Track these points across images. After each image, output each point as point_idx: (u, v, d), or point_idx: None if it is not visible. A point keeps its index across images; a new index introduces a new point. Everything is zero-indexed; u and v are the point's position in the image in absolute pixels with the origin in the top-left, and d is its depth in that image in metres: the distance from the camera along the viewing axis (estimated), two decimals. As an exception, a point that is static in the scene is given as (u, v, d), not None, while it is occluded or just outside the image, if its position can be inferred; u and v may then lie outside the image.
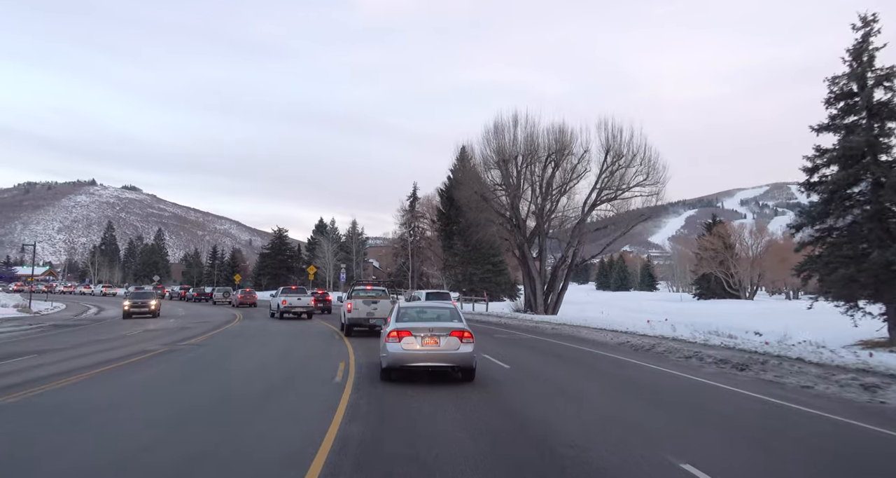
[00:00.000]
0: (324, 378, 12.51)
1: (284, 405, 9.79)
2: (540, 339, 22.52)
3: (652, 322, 26.17)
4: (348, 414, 8.77)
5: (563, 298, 40.66)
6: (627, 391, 11.44)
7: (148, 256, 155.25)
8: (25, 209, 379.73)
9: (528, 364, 15.09)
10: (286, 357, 16.82)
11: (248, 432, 7.96)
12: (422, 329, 11.44)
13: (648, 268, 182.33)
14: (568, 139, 38.28)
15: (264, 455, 6.77)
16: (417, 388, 11.17)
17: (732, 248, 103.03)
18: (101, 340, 22.40)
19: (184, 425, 8.45)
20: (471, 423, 8.36)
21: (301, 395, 10.82)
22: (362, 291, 24.96)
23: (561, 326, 27.51)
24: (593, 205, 39.71)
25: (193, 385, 12.03)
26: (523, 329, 27.74)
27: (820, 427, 8.53)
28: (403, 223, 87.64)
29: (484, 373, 13.01)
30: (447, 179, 74.17)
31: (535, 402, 10.16)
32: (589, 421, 8.60)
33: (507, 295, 73.99)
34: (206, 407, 9.68)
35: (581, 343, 20.73)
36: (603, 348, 19.00)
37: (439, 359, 11.35)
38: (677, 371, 13.81)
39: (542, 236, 40.33)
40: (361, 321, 23.19)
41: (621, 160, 38.72)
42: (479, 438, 7.53)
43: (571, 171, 40.03)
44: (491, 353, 16.83)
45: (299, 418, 8.76)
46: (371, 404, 9.67)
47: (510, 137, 38.87)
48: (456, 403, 9.81)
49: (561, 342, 21.00)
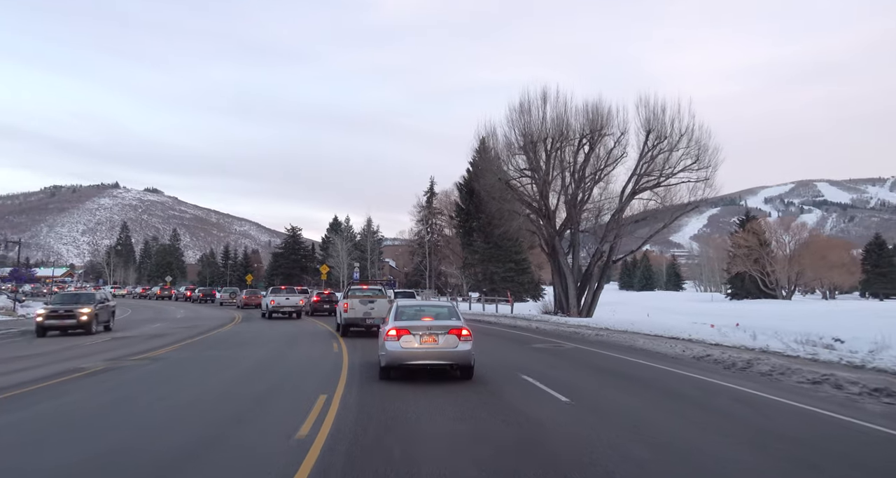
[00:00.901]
0: (285, 430, 8.17)
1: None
2: (589, 350, 18.01)
3: (718, 327, 21.58)
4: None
5: (598, 298, 36.05)
6: (794, 462, 6.60)
7: (162, 256, 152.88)
8: (51, 212, 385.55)
9: (594, 396, 10.54)
10: (251, 381, 12.51)
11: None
12: (420, 327, 11.42)
13: (674, 267, 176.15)
14: (605, 118, 33.65)
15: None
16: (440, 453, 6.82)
17: (768, 245, 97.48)
18: (46, 353, 18.36)
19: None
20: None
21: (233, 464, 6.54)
22: (359, 291, 23.83)
23: (605, 333, 22.96)
24: (632, 193, 35.00)
25: (63, 440, 7.79)
26: (561, 336, 23.25)
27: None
28: (420, 220, 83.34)
29: (537, 413, 8.66)
30: (466, 171, 69.72)
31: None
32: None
33: (531, 295, 69.31)
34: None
35: (645, 356, 16.19)
36: (680, 365, 14.45)
37: (438, 357, 11.38)
38: (824, 409, 9.03)
39: (575, 229, 35.72)
40: (358, 321, 22.36)
41: (664, 142, 33.99)
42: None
43: (607, 155, 35.38)
44: (535, 374, 12.42)
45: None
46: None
47: (538, 116, 34.31)
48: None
49: (619, 356, 16.46)
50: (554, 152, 34.90)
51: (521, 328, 27.68)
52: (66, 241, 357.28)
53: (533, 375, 12.30)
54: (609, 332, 23.18)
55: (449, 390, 10.73)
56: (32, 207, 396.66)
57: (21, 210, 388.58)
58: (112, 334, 25.22)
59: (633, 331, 23.14)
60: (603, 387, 11.40)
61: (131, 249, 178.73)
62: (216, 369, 14.09)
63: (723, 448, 7.04)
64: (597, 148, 34.47)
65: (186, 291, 74.57)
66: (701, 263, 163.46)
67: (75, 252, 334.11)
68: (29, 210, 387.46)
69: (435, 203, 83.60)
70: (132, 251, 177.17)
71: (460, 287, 75.17)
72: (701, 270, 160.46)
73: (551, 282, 49.32)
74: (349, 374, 12.71)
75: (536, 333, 25.22)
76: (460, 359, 11.48)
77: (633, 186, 35.26)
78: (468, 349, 11.42)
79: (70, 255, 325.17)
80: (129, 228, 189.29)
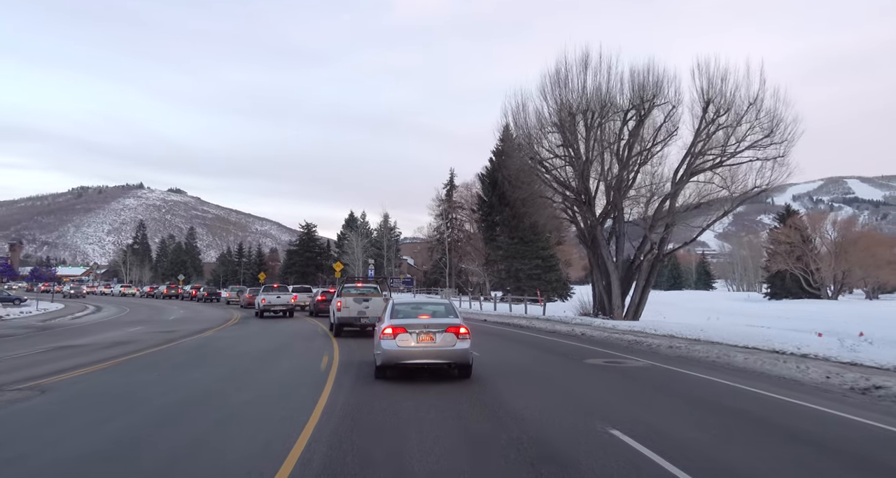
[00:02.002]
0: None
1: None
2: (675, 372, 12.85)
3: (831, 336, 16.46)
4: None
5: (647, 298, 30.90)
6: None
7: (177, 255, 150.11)
8: (78, 212, 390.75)
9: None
10: (147, 442, 7.70)
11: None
12: (417, 326, 11.07)
13: (703, 265, 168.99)
14: (657, 85, 28.40)
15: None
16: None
17: (810, 241, 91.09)
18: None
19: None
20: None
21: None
22: (353, 288, 22.72)
23: (677, 343, 17.82)
24: (689, 174, 29.79)
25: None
26: (618, 346, 18.20)
27: None
28: (439, 214, 78.37)
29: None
30: (489, 160, 64.82)
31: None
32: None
33: (558, 295, 64.03)
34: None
35: (770, 384, 10.96)
36: (836, 403, 9.36)
37: (435, 356, 10.98)
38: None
39: (620, 216, 30.59)
40: (352, 321, 21.31)
41: (726, 115, 28.71)
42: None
43: (656, 131, 30.22)
44: (630, 427, 7.44)
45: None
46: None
47: (578, 84, 29.14)
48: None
49: (731, 383, 11.15)
50: (595, 128, 29.79)
51: (561, 335, 22.64)
52: (92, 240, 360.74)
53: (626, 428, 7.33)
54: (680, 341, 18.04)
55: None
56: (60, 207, 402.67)
57: (49, 211, 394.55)
58: (59, 342, 20.78)
59: (709, 339, 18.04)
60: (778, 463, 6.37)
61: (148, 247, 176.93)
62: (110, 414, 9.03)
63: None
64: (646, 122, 29.31)
65: (192, 289, 70.59)
66: (733, 261, 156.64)
67: (100, 252, 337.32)
68: (57, 211, 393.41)
69: (455, 197, 78.64)
70: (148, 250, 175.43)
71: (482, 285, 70.11)
72: (733, 269, 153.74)
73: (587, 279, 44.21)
74: (331, 424, 7.87)
75: (583, 341, 20.18)
76: (458, 358, 11.13)
77: (686, 166, 30.06)
78: (466, 348, 11.06)
79: (95, 254, 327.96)
80: (153, 227, 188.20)
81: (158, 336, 22.68)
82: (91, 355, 16.28)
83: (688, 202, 31.13)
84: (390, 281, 72.27)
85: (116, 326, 30.27)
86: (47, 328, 29.28)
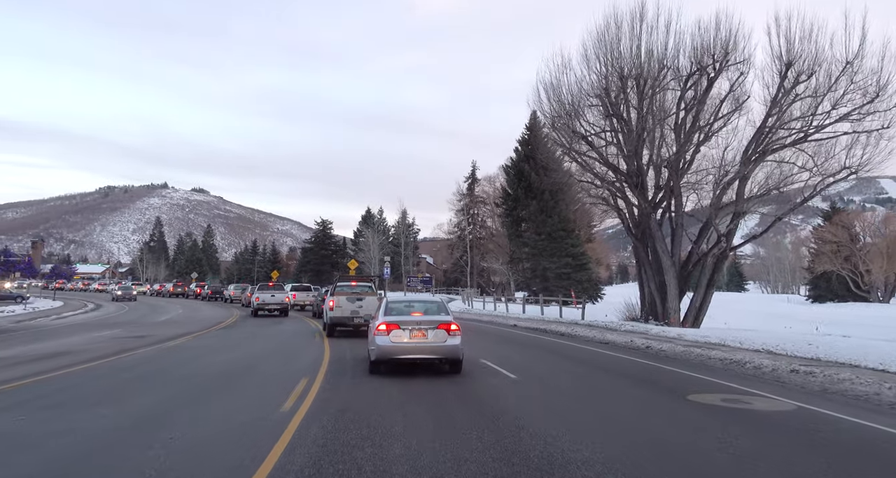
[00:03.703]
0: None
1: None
2: (861, 425, 8.03)
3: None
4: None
5: (709, 301, 25.83)
6: None
7: (192, 252, 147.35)
8: (104, 212, 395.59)
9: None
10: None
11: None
12: (410, 322, 11.43)
13: (736, 266, 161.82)
14: (731, 43, 23.23)
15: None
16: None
17: (858, 240, 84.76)
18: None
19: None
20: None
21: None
22: (347, 287, 22.01)
23: (781, 362, 12.84)
24: (761, 153, 24.68)
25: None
26: (714, 369, 13.22)
27: None
28: (460, 210, 73.55)
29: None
30: (515, 150, 59.90)
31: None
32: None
33: (590, 296, 58.81)
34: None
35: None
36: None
37: (427, 351, 11.31)
38: None
39: (678, 203, 25.52)
40: (345, 321, 20.67)
41: (809, 80, 23.62)
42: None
43: (721, 101, 25.12)
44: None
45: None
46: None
47: (631, 43, 24.12)
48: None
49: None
50: (649, 97, 24.79)
51: (619, 347, 17.74)
52: (118, 239, 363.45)
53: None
54: (795, 362, 13.04)
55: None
56: (87, 206, 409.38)
57: (77, 210, 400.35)
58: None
59: (835, 360, 13.07)
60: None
61: (165, 245, 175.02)
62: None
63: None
64: (713, 88, 24.27)
65: (196, 288, 66.80)
66: (767, 262, 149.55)
67: (125, 250, 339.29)
68: (84, 210, 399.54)
69: (477, 191, 73.86)
70: (165, 248, 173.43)
71: (506, 285, 65.14)
72: (767, 270, 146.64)
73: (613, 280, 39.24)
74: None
75: (653, 357, 15.28)
76: (449, 353, 11.41)
77: (756, 144, 24.97)
78: (457, 344, 11.37)
79: (121, 252, 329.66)
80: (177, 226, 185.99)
81: (118, 344, 18.45)
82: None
83: (757, 187, 26.03)
84: (408, 280, 67.70)
85: (91, 328, 26.22)
86: (8, 331, 25.24)
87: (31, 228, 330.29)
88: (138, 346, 17.93)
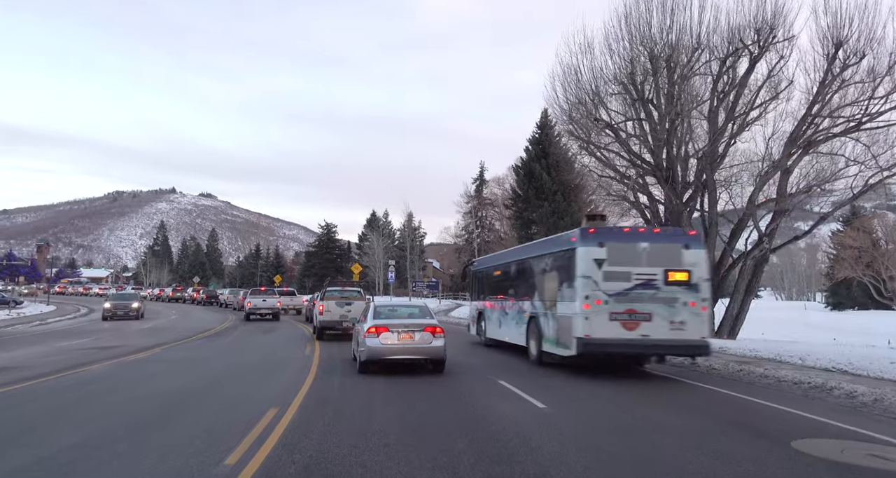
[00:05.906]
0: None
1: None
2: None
3: None
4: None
5: (747, 309, 23.15)
6: None
7: (196, 257, 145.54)
8: (112, 216, 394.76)
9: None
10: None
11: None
12: (398, 325, 12.10)
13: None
14: (781, 17, 20.60)
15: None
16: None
17: (881, 245, 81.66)
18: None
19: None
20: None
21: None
22: (336, 292, 22.71)
23: (862, 386, 10.25)
24: (805, 144, 22.05)
25: None
26: (792, 398, 10.58)
27: None
28: (468, 212, 70.99)
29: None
30: (525, 150, 57.36)
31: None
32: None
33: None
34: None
35: None
36: None
37: (414, 352, 12.04)
38: None
39: (712, 199, 22.86)
40: (334, 324, 21.33)
41: (859, 63, 21.02)
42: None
43: (759, 87, 22.51)
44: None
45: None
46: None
47: (663, 20, 21.53)
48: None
49: None
50: (681, 81, 22.20)
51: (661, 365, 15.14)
52: (125, 244, 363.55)
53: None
54: (884, 385, 10.46)
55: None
56: (96, 211, 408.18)
57: (86, 214, 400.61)
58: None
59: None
60: None
61: (169, 249, 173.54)
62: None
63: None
64: (755, 70, 21.65)
65: (193, 292, 64.60)
66: (780, 268, 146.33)
67: (132, 255, 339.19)
68: (92, 214, 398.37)
69: (485, 193, 71.34)
70: (169, 252, 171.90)
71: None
72: (782, 276, 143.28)
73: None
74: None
75: (709, 380, 12.64)
76: (434, 354, 12.19)
77: (800, 134, 22.35)
78: (441, 345, 12.11)
79: (128, 257, 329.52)
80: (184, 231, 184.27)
81: (76, 357, 16.17)
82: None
83: (802, 181, 23.43)
84: (413, 284, 65.16)
85: (64, 337, 24.07)
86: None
87: (40, 232, 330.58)
88: (98, 359, 15.52)
